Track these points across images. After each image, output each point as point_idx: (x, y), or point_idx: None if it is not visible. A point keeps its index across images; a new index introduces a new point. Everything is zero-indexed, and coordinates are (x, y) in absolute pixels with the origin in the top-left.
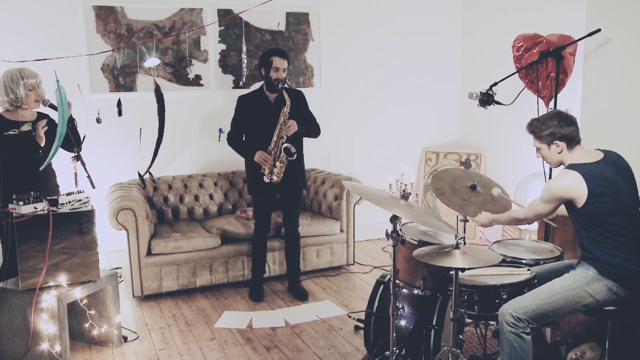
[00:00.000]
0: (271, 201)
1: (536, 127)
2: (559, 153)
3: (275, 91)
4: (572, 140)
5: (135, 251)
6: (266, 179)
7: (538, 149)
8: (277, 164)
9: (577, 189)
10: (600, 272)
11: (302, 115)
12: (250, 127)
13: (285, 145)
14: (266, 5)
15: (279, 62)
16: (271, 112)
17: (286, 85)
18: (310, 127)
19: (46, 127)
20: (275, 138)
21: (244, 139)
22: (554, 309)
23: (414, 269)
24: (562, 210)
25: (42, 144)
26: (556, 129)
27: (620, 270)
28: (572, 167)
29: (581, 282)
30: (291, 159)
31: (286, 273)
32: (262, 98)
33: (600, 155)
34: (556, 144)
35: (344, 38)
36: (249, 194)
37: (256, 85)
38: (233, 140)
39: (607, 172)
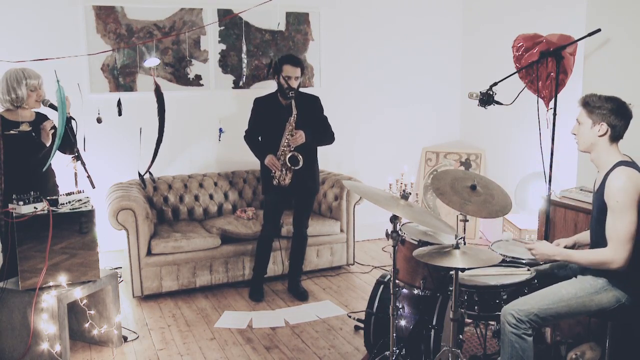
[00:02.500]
0: (283, 203)
1: (592, 101)
2: (599, 136)
3: (286, 98)
4: (617, 133)
5: (135, 251)
6: (275, 182)
7: (579, 123)
8: (284, 170)
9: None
10: (610, 282)
11: (316, 122)
12: (263, 129)
13: (291, 154)
14: (266, 5)
15: (291, 71)
16: (283, 117)
17: (294, 95)
18: (322, 137)
19: (53, 130)
20: (282, 147)
21: (260, 139)
22: (556, 314)
23: (414, 269)
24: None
25: (48, 144)
26: (610, 112)
27: (631, 281)
28: (626, 164)
29: (589, 291)
30: (295, 168)
31: (287, 273)
32: (276, 102)
33: (629, 159)
34: (602, 125)
35: (344, 38)
36: (263, 194)
37: (272, 88)
38: (248, 138)
39: None
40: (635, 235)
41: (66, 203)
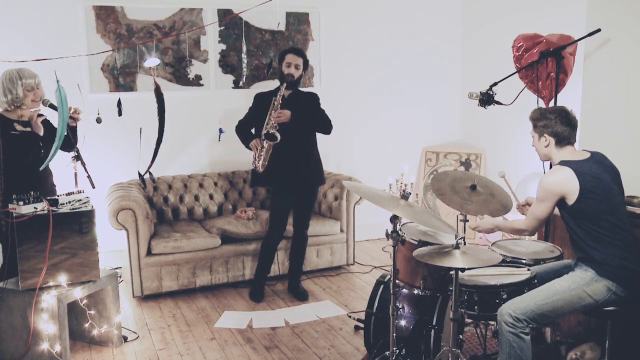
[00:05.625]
0: (290, 206)
1: (535, 116)
2: (546, 147)
3: (287, 86)
4: (563, 140)
5: (135, 251)
6: (252, 166)
7: (532, 138)
8: (261, 149)
9: (570, 184)
10: (598, 273)
11: (314, 115)
12: (260, 121)
13: (267, 131)
14: (266, 5)
15: (292, 58)
16: (282, 108)
17: (291, 80)
18: (317, 122)
19: (42, 117)
20: (265, 126)
21: (253, 131)
22: (553, 309)
23: (414, 269)
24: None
25: (41, 133)
26: (550, 122)
27: (618, 270)
28: (563, 163)
29: (580, 283)
30: (272, 142)
31: (287, 273)
32: (277, 94)
33: (587, 155)
34: (545, 137)
35: (344, 38)
36: (250, 186)
37: (272, 88)
38: (240, 127)
39: (595, 169)
40: (544, 219)
41: (66, 203)
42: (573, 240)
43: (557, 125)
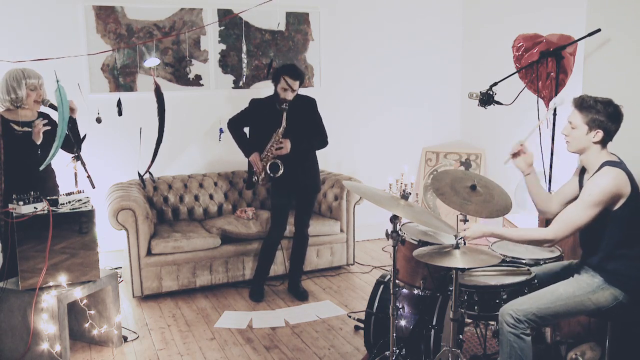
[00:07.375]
0: (290, 205)
1: (588, 105)
2: (595, 142)
3: (279, 108)
4: (610, 137)
5: (135, 251)
6: (254, 179)
7: (572, 127)
8: (264, 174)
9: (625, 186)
10: (607, 280)
11: (310, 124)
12: (254, 127)
13: (273, 161)
14: (266, 5)
15: (289, 83)
16: (277, 120)
17: (286, 107)
18: (313, 143)
19: (48, 127)
20: (265, 152)
21: (247, 133)
22: (555, 313)
23: (414, 269)
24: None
25: (38, 142)
26: (607, 118)
27: (628, 278)
28: (610, 164)
29: (586, 290)
30: (274, 176)
31: (287, 273)
32: (272, 105)
33: (617, 158)
34: (597, 132)
35: (344, 38)
36: (246, 189)
37: (272, 87)
38: (233, 125)
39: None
40: (582, 227)
41: (66, 203)
42: (596, 244)
43: (613, 122)
